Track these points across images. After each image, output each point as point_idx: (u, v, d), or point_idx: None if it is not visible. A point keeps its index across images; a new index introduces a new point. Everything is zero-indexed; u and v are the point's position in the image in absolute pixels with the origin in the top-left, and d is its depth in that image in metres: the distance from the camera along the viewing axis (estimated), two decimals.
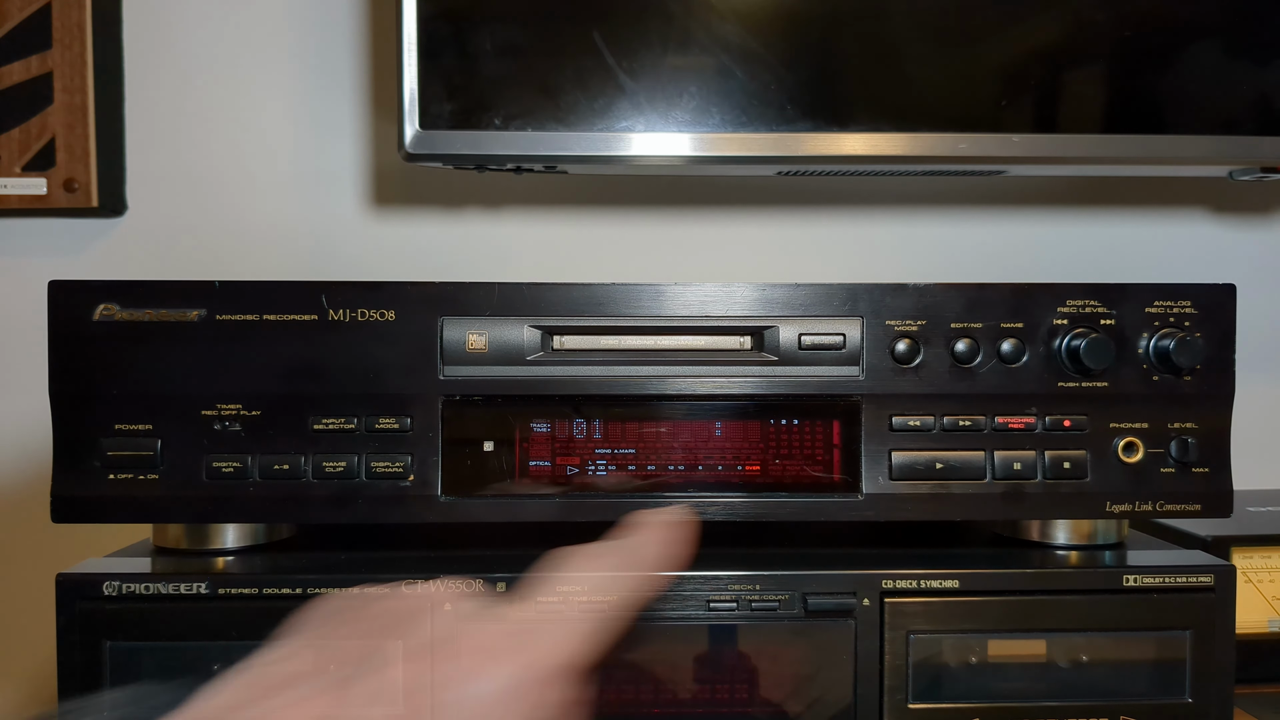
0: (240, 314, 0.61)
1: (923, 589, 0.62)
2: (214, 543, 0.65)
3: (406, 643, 0.39)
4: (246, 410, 0.62)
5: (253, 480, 0.61)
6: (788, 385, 0.63)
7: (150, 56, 0.97)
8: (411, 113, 0.82)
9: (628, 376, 0.63)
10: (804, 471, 0.63)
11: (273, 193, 0.98)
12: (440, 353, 0.62)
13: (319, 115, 0.98)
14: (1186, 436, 0.64)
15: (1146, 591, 0.62)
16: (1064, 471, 0.63)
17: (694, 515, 0.47)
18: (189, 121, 0.98)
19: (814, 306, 0.63)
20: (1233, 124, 0.86)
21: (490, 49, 0.82)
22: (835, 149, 0.84)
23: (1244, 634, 0.72)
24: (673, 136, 0.83)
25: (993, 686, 0.62)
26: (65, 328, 0.61)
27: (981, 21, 0.85)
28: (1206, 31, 0.86)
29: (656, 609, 0.61)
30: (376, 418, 0.62)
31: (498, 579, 0.61)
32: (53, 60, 0.93)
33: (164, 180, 0.98)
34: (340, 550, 0.66)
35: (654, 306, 0.63)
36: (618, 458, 0.63)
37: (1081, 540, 0.68)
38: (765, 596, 0.61)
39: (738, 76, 0.83)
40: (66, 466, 0.61)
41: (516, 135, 0.82)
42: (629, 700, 0.61)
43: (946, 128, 0.84)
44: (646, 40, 0.83)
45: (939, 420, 0.63)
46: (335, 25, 0.98)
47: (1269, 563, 0.76)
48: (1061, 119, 0.86)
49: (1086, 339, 0.62)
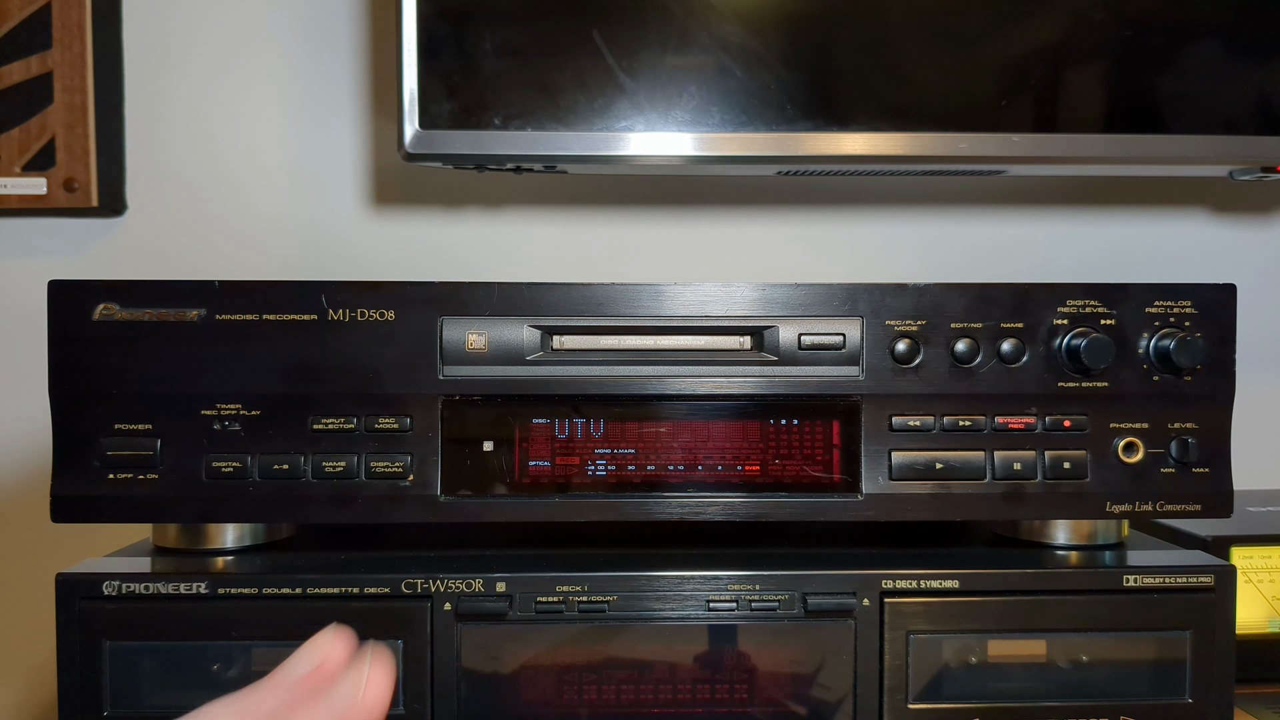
0: (240, 314, 0.61)
1: (923, 589, 0.62)
2: (213, 543, 0.66)
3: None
4: (246, 410, 0.62)
5: (252, 480, 0.61)
6: (788, 385, 0.63)
7: (150, 56, 0.97)
8: (411, 112, 0.82)
9: (627, 376, 0.63)
10: (804, 471, 0.63)
11: (272, 192, 0.98)
12: (440, 353, 0.62)
13: (319, 115, 0.98)
14: (1186, 436, 0.64)
15: (1146, 591, 0.62)
16: (1064, 471, 0.63)
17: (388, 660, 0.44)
18: (189, 121, 0.98)
19: (814, 306, 0.63)
20: (1233, 124, 0.86)
21: (490, 48, 0.82)
22: (835, 149, 0.84)
23: (1244, 634, 0.72)
24: (673, 136, 0.83)
25: (993, 686, 0.62)
26: (65, 328, 0.61)
27: (981, 21, 0.85)
28: (1207, 31, 0.86)
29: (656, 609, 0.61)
30: (376, 417, 0.62)
31: (497, 579, 0.61)
32: (53, 60, 0.93)
33: (164, 180, 0.98)
34: (340, 550, 0.66)
35: (654, 306, 0.63)
36: (617, 458, 0.63)
37: (1081, 540, 0.67)
38: (765, 596, 0.61)
39: (737, 76, 0.83)
40: (66, 466, 0.61)
41: (516, 135, 0.82)
42: (629, 700, 0.61)
43: (946, 127, 0.84)
44: (646, 40, 0.83)
45: (939, 420, 0.63)
46: (335, 25, 0.98)
47: (1269, 563, 0.76)
48: (1061, 119, 0.86)
49: (1087, 339, 0.62)
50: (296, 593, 0.60)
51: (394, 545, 0.68)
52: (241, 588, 0.60)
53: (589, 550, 0.66)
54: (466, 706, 0.60)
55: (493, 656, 0.60)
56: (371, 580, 0.60)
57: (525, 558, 0.64)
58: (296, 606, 0.60)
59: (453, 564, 0.62)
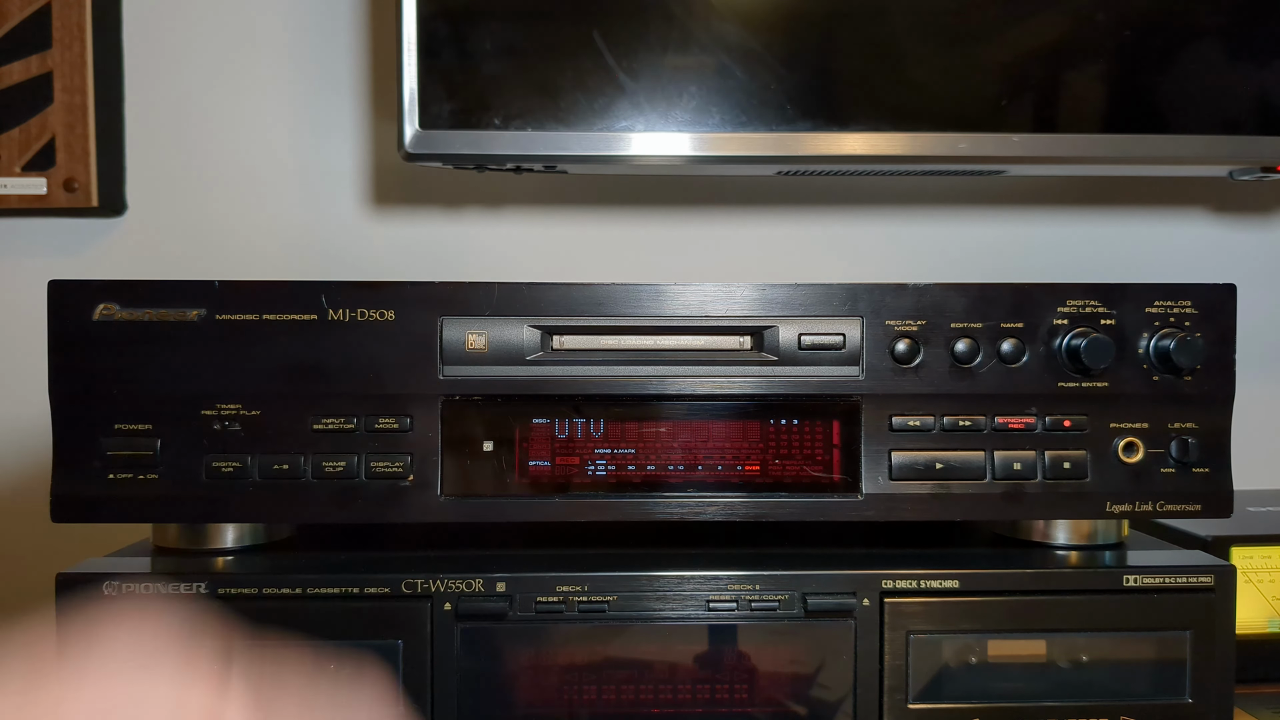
0: (240, 314, 0.61)
1: (923, 589, 0.62)
2: (213, 543, 0.65)
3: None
4: (246, 410, 0.62)
5: (252, 480, 0.61)
6: (787, 385, 0.63)
7: (150, 56, 0.97)
8: (411, 112, 0.82)
9: (627, 376, 0.63)
10: (804, 471, 0.63)
11: (272, 192, 0.98)
12: (440, 353, 0.62)
13: (319, 115, 0.98)
14: (1186, 436, 0.64)
15: (1146, 591, 0.62)
16: (1064, 471, 0.63)
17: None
18: (189, 121, 0.98)
19: (814, 306, 0.63)
20: (1233, 124, 0.86)
21: (490, 49, 0.82)
22: (835, 149, 0.84)
23: (1244, 634, 0.72)
24: (673, 136, 0.83)
25: (993, 686, 0.62)
26: (65, 328, 0.61)
27: (981, 21, 0.85)
28: (1207, 31, 0.86)
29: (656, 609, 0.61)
30: (376, 417, 0.62)
31: (497, 579, 0.61)
32: (53, 60, 0.93)
33: (164, 180, 0.98)
34: (340, 550, 0.66)
35: (654, 306, 0.63)
36: (617, 458, 0.63)
37: (1081, 540, 0.67)
38: (765, 596, 0.61)
39: (738, 76, 0.83)
40: (66, 466, 0.61)
41: (516, 135, 0.82)
42: (629, 700, 0.61)
43: (946, 127, 0.84)
44: (646, 40, 0.83)
45: (939, 420, 0.63)
46: (335, 25, 0.97)
47: (1269, 563, 0.76)
48: (1061, 118, 0.86)
49: (1087, 339, 0.62)
50: (296, 593, 0.60)
51: (394, 545, 0.68)
52: (241, 588, 0.60)
53: (589, 550, 0.66)
54: (466, 706, 0.60)
55: (492, 656, 0.60)
56: (371, 580, 0.60)
57: (525, 558, 0.64)
58: (296, 606, 0.60)
59: (453, 564, 0.62)
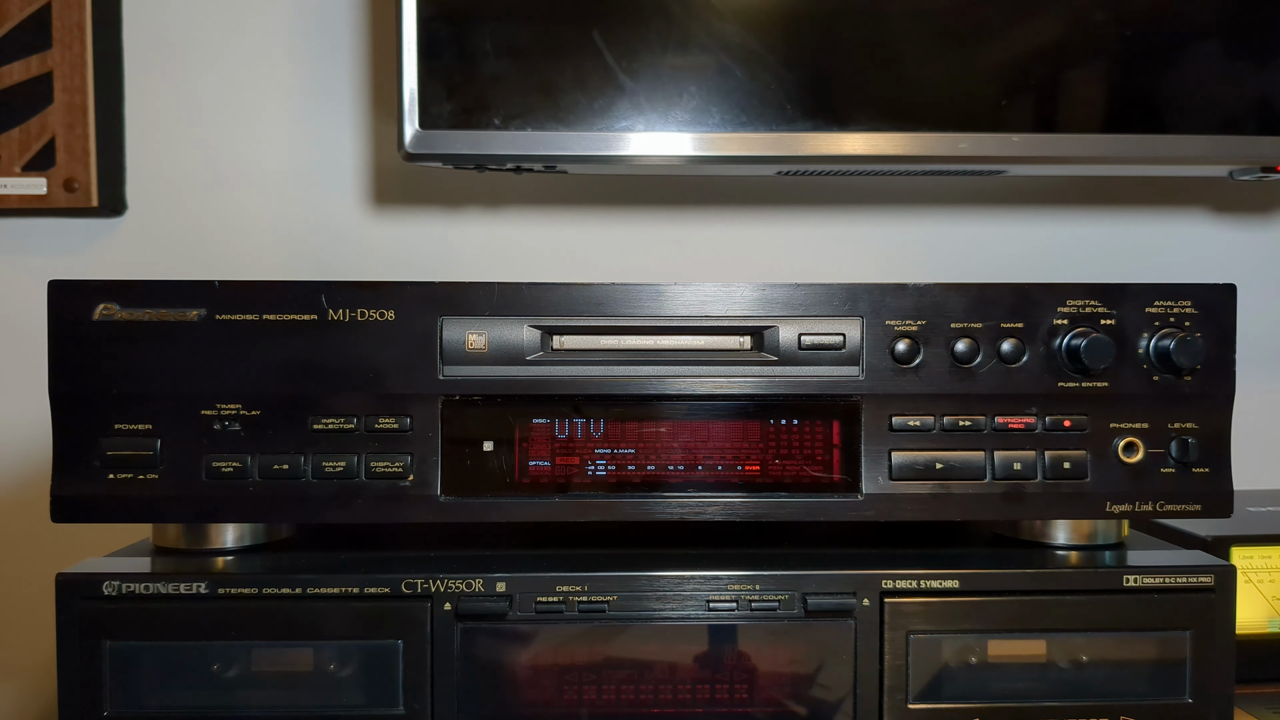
0: (240, 314, 0.61)
1: (923, 589, 0.62)
2: (213, 543, 0.65)
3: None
4: (246, 410, 0.62)
5: (252, 480, 0.61)
6: (787, 385, 0.63)
7: (150, 57, 0.97)
8: (411, 112, 0.82)
9: (627, 376, 0.63)
10: (804, 471, 0.63)
11: (272, 192, 0.98)
12: (440, 353, 0.62)
13: (319, 115, 0.98)
14: (1186, 436, 0.64)
15: (1146, 591, 0.62)
16: (1064, 471, 0.63)
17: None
18: (189, 121, 0.98)
19: (814, 306, 0.63)
20: (1233, 124, 0.86)
21: (490, 49, 0.82)
22: (835, 149, 0.84)
23: (1244, 634, 0.72)
24: (673, 136, 0.83)
25: (993, 686, 0.62)
26: (65, 328, 0.61)
27: (981, 21, 0.85)
28: (1206, 31, 0.86)
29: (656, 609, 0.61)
30: (376, 417, 0.62)
31: (497, 579, 0.61)
32: (53, 60, 0.93)
33: (164, 180, 0.98)
34: (340, 550, 0.66)
35: (654, 306, 0.63)
36: (617, 458, 0.63)
37: (1081, 540, 0.67)
38: (765, 596, 0.61)
39: (738, 76, 0.83)
40: (66, 466, 0.61)
41: (516, 135, 0.82)
42: (629, 700, 0.61)
43: (946, 127, 0.84)
44: (646, 40, 0.83)
45: (939, 420, 0.63)
46: (335, 25, 0.97)
47: (1269, 563, 0.76)
48: (1061, 119, 0.86)
49: (1086, 339, 0.62)
50: (296, 593, 0.60)
51: (394, 545, 0.68)
52: (241, 588, 0.60)
53: (589, 550, 0.66)
54: (466, 706, 0.60)
55: (493, 656, 0.60)
56: (371, 580, 0.60)
57: (525, 558, 0.64)
58: (296, 606, 0.60)
59: (453, 564, 0.62)
